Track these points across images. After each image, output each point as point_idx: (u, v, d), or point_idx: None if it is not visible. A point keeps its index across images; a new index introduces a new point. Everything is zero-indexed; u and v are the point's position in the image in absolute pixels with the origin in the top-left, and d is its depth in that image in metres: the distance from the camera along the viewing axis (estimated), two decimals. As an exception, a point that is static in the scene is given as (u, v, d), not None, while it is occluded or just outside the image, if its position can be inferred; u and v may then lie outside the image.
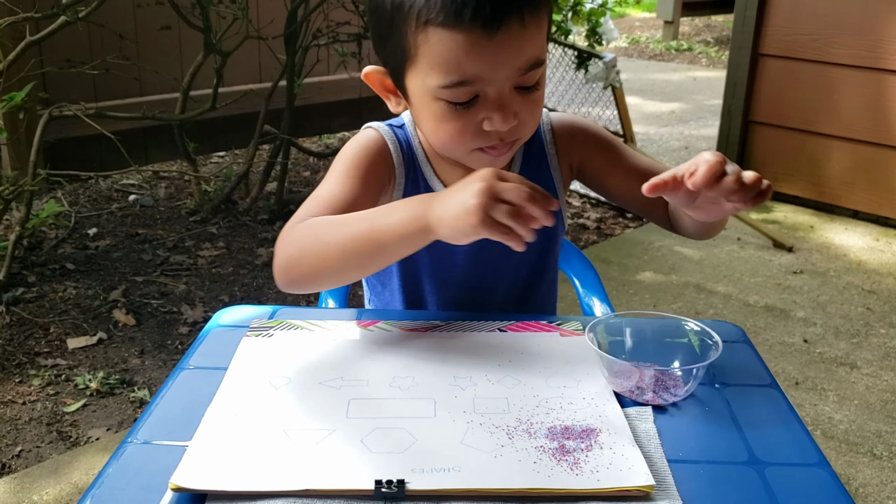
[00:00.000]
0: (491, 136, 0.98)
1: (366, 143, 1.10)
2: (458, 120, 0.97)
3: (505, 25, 0.90)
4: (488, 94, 0.95)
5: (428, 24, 0.91)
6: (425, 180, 1.12)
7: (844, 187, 3.64)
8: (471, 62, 0.91)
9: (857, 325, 2.71)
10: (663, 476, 0.76)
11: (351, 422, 0.82)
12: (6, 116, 2.79)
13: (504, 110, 0.95)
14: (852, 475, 1.98)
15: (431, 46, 0.92)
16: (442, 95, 0.95)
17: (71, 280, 2.73)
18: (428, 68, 0.94)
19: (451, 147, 1.01)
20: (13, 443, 1.97)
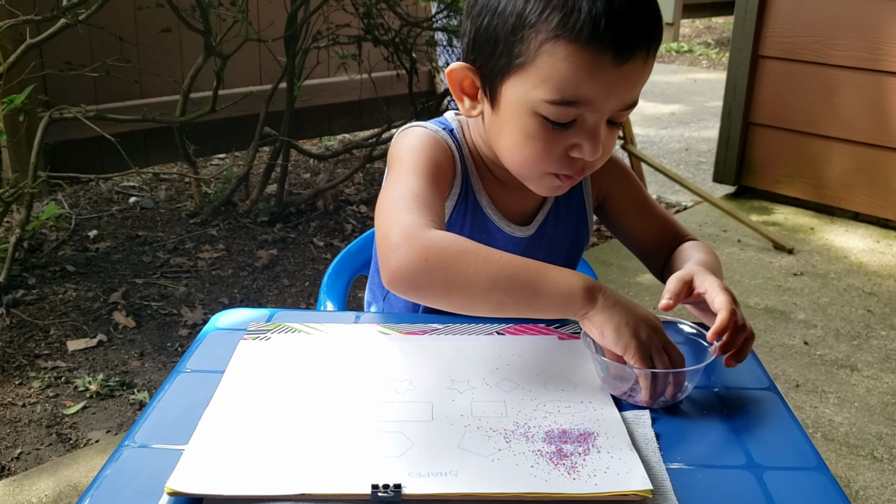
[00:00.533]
0: (574, 163, 0.98)
1: (433, 143, 1.05)
2: (549, 141, 0.95)
3: (633, 57, 0.90)
4: (587, 121, 0.94)
5: (560, 37, 0.89)
6: (475, 194, 1.10)
7: (845, 189, 3.63)
8: (590, 85, 0.90)
9: (857, 328, 2.71)
10: (661, 480, 0.76)
11: (348, 426, 0.81)
12: (6, 119, 2.79)
13: (596, 140, 0.95)
14: (853, 478, 1.98)
15: (555, 60, 0.90)
16: (543, 111, 0.93)
17: (71, 282, 2.73)
18: (539, 80, 0.92)
19: (529, 166, 0.99)
20: (13, 445, 1.97)
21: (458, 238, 0.89)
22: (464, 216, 1.10)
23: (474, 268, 0.86)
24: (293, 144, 3.36)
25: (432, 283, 0.87)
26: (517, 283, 0.86)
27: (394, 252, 0.87)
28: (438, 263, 0.86)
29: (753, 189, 3.92)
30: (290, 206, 3.41)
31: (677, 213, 3.76)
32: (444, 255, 0.87)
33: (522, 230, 1.13)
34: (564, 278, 0.87)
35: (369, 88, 3.77)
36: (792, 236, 3.45)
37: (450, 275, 0.86)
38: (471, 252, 0.87)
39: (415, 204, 0.94)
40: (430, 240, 0.88)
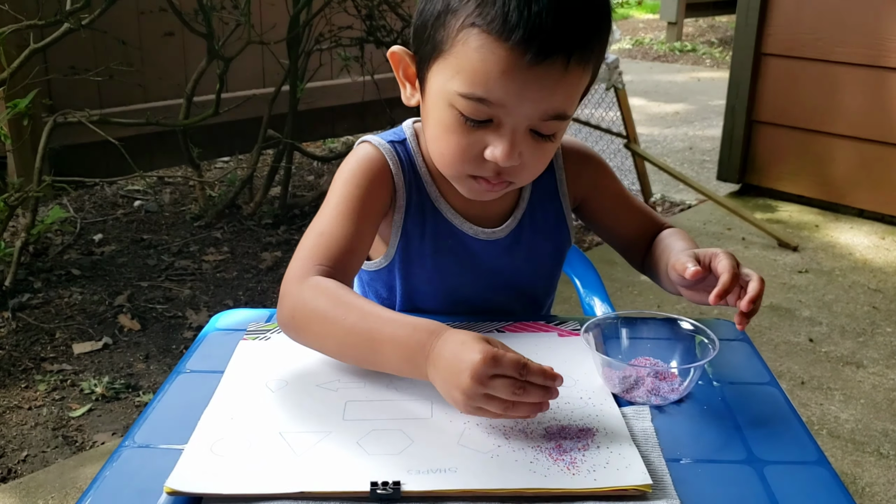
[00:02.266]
0: (488, 166, 0.93)
1: (365, 166, 1.03)
2: (464, 136, 0.92)
3: (549, 60, 0.85)
4: (503, 123, 0.90)
5: (474, 25, 0.86)
6: (431, 202, 1.07)
7: (849, 186, 3.62)
8: (500, 84, 0.87)
9: (862, 324, 2.70)
10: (661, 475, 0.76)
11: (347, 424, 0.82)
12: (11, 123, 2.81)
13: (511, 146, 0.90)
14: (859, 474, 1.97)
15: (468, 51, 0.87)
16: (457, 104, 0.90)
17: (76, 286, 2.74)
18: (455, 71, 0.89)
19: (448, 162, 0.97)
20: (19, 448, 1.98)
21: (324, 294, 0.90)
22: (422, 224, 1.07)
23: (324, 332, 0.90)
24: (297, 147, 3.37)
25: (298, 338, 0.93)
26: (358, 352, 0.88)
27: (279, 302, 0.95)
28: (301, 323, 0.91)
29: (757, 187, 3.92)
30: (293, 208, 3.42)
31: (681, 212, 3.76)
32: (304, 313, 0.91)
33: (491, 232, 1.10)
34: (394, 350, 0.84)
35: (372, 90, 3.78)
36: (796, 234, 3.45)
37: (308, 335, 0.92)
38: (324, 312, 0.89)
39: (316, 244, 0.97)
40: (300, 295, 0.91)
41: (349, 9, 3.35)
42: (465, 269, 1.09)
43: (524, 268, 1.13)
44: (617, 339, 0.97)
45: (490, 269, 1.10)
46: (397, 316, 0.87)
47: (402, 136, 1.09)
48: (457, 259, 1.08)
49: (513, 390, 0.76)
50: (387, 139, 1.07)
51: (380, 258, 1.09)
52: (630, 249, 1.20)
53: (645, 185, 3.73)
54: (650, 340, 0.97)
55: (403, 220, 1.06)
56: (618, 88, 3.49)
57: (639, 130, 3.93)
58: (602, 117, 3.78)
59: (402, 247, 1.07)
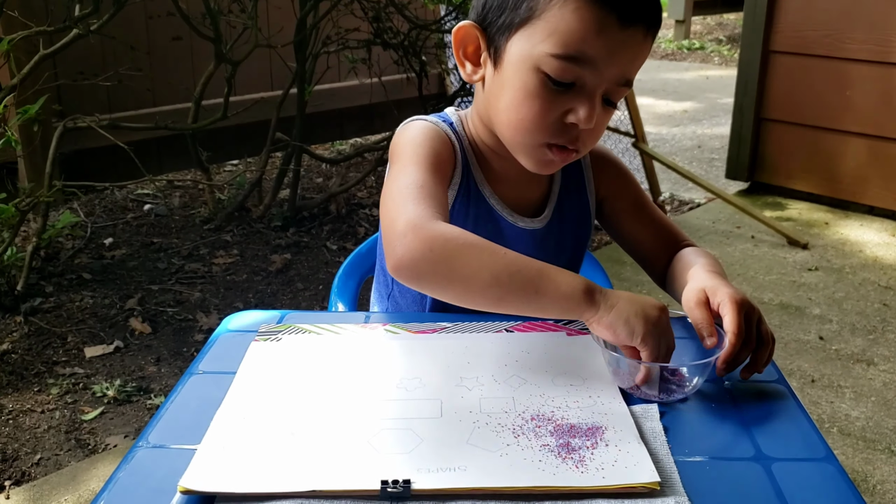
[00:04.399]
0: (568, 131, 0.99)
1: (433, 134, 1.06)
2: (547, 100, 0.97)
3: (635, 26, 0.94)
4: (586, 85, 0.96)
5: None
6: (476, 186, 1.10)
7: (859, 183, 3.61)
8: (595, 42, 0.93)
9: (873, 322, 2.69)
10: (669, 473, 0.76)
11: (357, 423, 0.82)
12: (21, 129, 2.83)
13: (592, 106, 0.96)
14: (870, 472, 1.97)
15: (565, 13, 0.93)
16: (546, 66, 0.95)
17: (87, 289, 2.76)
18: (547, 34, 0.94)
19: (525, 128, 0.99)
20: (32, 451, 1.99)
21: (463, 232, 0.90)
22: (467, 206, 1.10)
23: (478, 262, 0.87)
24: (305, 149, 3.38)
25: (435, 272, 0.88)
26: (518, 281, 0.87)
27: (400, 241, 0.88)
28: (443, 254, 0.87)
29: (767, 185, 3.91)
30: (302, 210, 3.43)
31: (690, 211, 3.75)
32: (448, 246, 0.87)
33: (529, 222, 1.14)
34: (566, 280, 0.88)
35: (380, 92, 3.79)
36: (806, 231, 3.44)
37: (453, 266, 0.87)
38: (476, 246, 0.88)
39: (420, 195, 0.95)
40: (436, 230, 0.89)
41: (356, 11, 3.37)
42: None
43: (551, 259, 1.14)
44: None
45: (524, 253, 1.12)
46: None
47: (449, 119, 1.12)
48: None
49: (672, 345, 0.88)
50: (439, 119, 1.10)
51: None
52: (649, 262, 1.20)
53: (654, 184, 3.73)
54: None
55: (455, 198, 1.09)
56: (625, 88, 3.48)
57: (647, 129, 3.93)
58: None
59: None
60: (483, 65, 1.04)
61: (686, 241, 1.18)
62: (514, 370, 0.93)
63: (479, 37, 1.02)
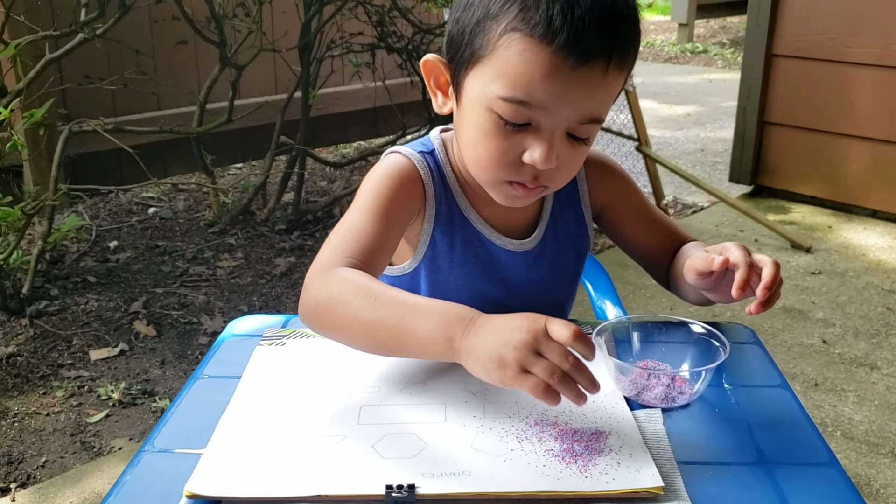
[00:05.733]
0: (526, 170, 0.95)
1: (396, 172, 1.04)
2: (502, 140, 0.93)
3: (590, 64, 0.88)
4: (541, 125, 0.92)
5: (517, 30, 0.88)
6: (460, 211, 1.09)
7: (862, 187, 3.61)
8: (542, 86, 0.88)
9: (876, 326, 2.69)
10: (672, 477, 0.77)
11: (362, 428, 0.83)
12: (27, 133, 2.84)
13: (548, 147, 0.92)
14: (873, 476, 1.97)
15: (511, 55, 0.89)
16: (497, 108, 0.91)
17: (92, 292, 2.77)
18: (495, 74, 0.90)
19: (484, 167, 0.98)
20: (38, 453, 2.00)
21: (351, 281, 0.90)
22: (452, 234, 1.08)
23: (349, 315, 0.88)
24: (309, 153, 3.39)
25: (320, 324, 0.92)
26: (384, 334, 0.86)
27: (303, 292, 0.94)
28: (325, 306, 0.90)
29: (770, 188, 3.91)
30: (307, 213, 3.44)
31: (693, 214, 3.76)
32: (331, 298, 0.90)
33: (520, 244, 1.12)
34: (426, 329, 0.83)
35: (384, 96, 3.80)
36: (809, 235, 3.44)
37: (331, 319, 0.90)
38: (352, 295, 0.89)
39: (344, 239, 0.97)
40: (325, 283, 0.91)
41: (360, 15, 3.38)
42: (490, 278, 1.10)
43: (548, 277, 1.14)
44: (628, 342, 0.98)
45: (515, 279, 1.11)
46: (427, 300, 0.88)
47: (431, 146, 1.10)
48: (483, 268, 1.10)
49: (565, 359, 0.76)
50: (416, 149, 1.08)
51: (404, 264, 1.10)
52: (653, 264, 1.19)
53: (657, 188, 3.73)
54: (662, 344, 0.97)
55: (433, 229, 1.07)
56: (628, 91, 3.49)
57: (650, 132, 3.93)
58: (613, 120, 3.78)
59: (430, 255, 1.08)
60: (451, 97, 1.02)
61: (688, 238, 1.18)
62: (517, 375, 0.93)
63: (444, 71, 1.00)
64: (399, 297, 0.87)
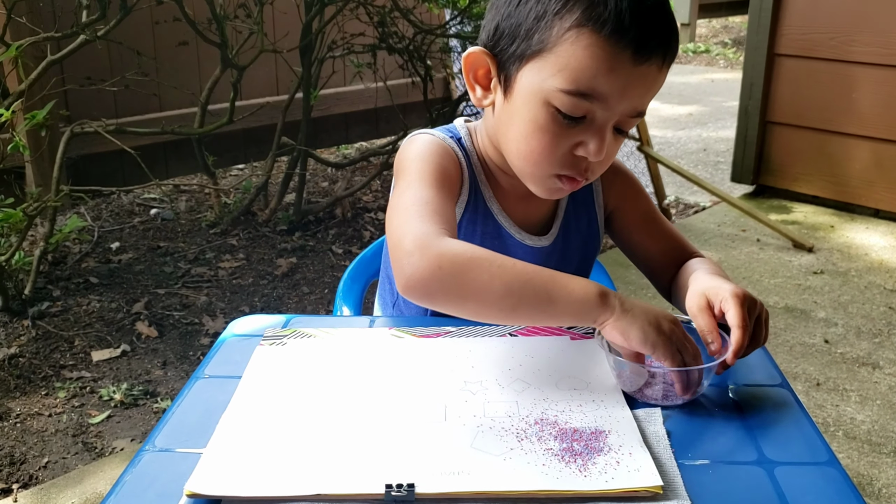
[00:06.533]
0: (577, 163, 0.98)
1: (439, 150, 1.05)
2: (557, 134, 0.96)
3: (651, 60, 0.93)
4: (596, 119, 0.95)
5: (584, 26, 0.91)
6: (484, 202, 1.10)
7: (865, 186, 3.61)
8: (607, 80, 0.92)
9: (878, 325, 2.69)
10: (672, 476, 0.77)
11: (362, 427, 0.83)
12: (29, 134, 2.84)
13: (602, 140, 0.95)
14: (875, 476, 1.97)
15: (577, 49, 0.91)
16: (556, 101, 0.94)
17: (94, 293, 2.77)
18: (557, 68, 0.93)
19: (534, 161, 0.99)
20: (40, 454, 2.00)
21: (470, 246, 0.89)
22: (475, 223, 1.10)
23: (488, 275, 0.86)
24: (311, 153, 3.39)
25: (446, 290, 0.87)
26: (531, 290, 0.86)
27: (408, 260, 0.87)
28: (452, 271, 0.86)
29: (772, 188, 3.91)
30: (308, 214, 3.44)
31: (696, 214, 3.75)
32: (457, 262, 0.86)
33: (536, 240, 1.13)
34: (579, 286, 0.88)
35: (385, 96, 3.80)
36: (811, 234, 3.43)
37: (463, 282, 0.86)
38: (484, 259, 0.87)
39: (426, 211, 0.94)
40: (443, 247, 0.87)
41: (361, 16, 3.38)
42: None
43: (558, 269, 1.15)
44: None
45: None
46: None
47: (458, 134, 1.12)
48: None
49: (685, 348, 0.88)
50: (446, 134, 1.09)
51: None
52: (656, 273, 1.18)
53: (659, 188, 3.73)
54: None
55: (462, 215, 1.09)
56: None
57: (652, 133, 3.93)
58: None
59: None
60: (493, 90, 1.03)
61: (694, 253, 1.17)
62: (517, 374, 0.93)
63: (489, 62, 1.01)
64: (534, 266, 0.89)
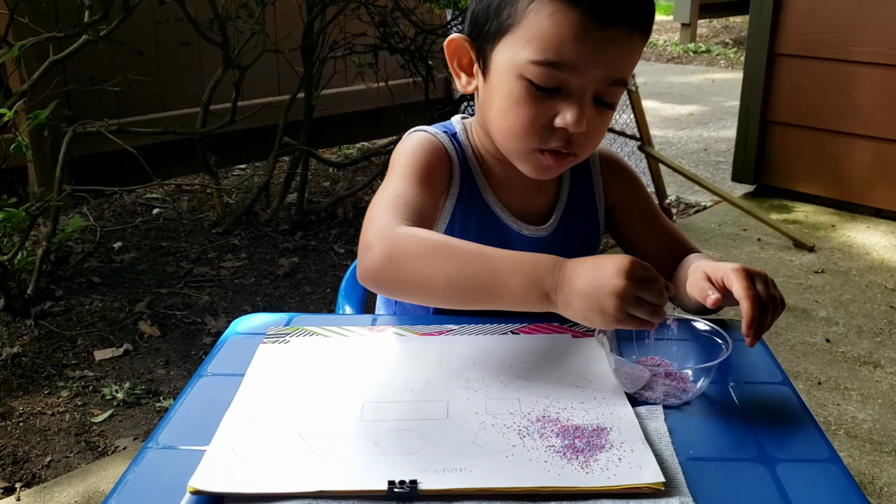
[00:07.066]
0: (557, 135, 0.98)
1: (427, 146, 1.08)
2: (534, 106, 0.97)
3: (616, 25, 0.93)
4: (571, 88, 0.96)
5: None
6: (480, 194, 1.11)
7: (866, 185, 3.61)
8: (573, 46, 0.93)
9: (880, 324, 2.69)
10: (674, 473, 0.77)
11: (365, 424, 0.83)
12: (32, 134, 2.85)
13: (580, 108, 0.96)
14: (877, 474, 1.97)
15: (541, 19, 0.93)
16: (528, 73, 0.95)
17: (97, 293, 2.78)
18: (526, 40, 0.94)
19: (516, 135, 1.00)
20: (43, 453, 2.01)
21: (423, 237, 0.92)
22: (469, 216, 1.11)
23: (433, 267, 0.89)
24: (312, 153, 3.40)
25: (395, 281, 0.92)
26: (473, 286, 0.88)
27: (365, 251, 0.93)
28: (400, 262, 0.90)
29: (773, 187, 3.91)
30: (310, 214, 3.45)
31: (696, 213, 3.75)
32: (406, 253, 0.90)
33: (535, 230, 1.14)
34: (519, 282, 0.86)
35: (386, 96, 3.80)
36: (812, 234, 3.43)
37: (410, 274, 0.90)
38: (431, 251, 0.90)
39: (394, 204, 0.98)
40: (396, 239, 0.92)
41: (363, 16, 3.38)
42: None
43: None
44: (630, 339, 0.98)
45: None
46: (512, 252, 0.89)
47: (453, 129, 1.14)
48: None
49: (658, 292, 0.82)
50: (440, 129, 1.12)
51: None
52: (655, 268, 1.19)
53: (660, 187, 3.73)
54: (664, 341, 0.98)
55: (454, 207, 1.10)
56: (631, 91, 3.49)
57: (653, 132, 3.93)
58: (615, 120, 3.78)
59: (448, 233, 1.10)
60: (476, 75, 1.05)
61: (692, 248, 1.18)
62: (519, 372, 0.94)
63: (469, 48, 1.04)
64: (483, 251, 0.89)
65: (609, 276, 0.82)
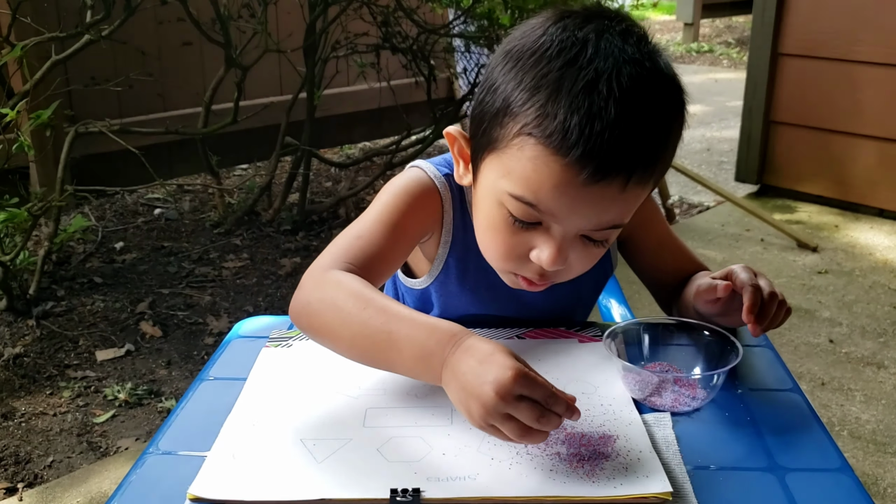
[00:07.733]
0: (533, 267, 0.90)
1: (416, 188, 1.01)
2: (511, 236, 0.89)
3: (605, 182, 0.81)
4: (551, 228, 0.87)
5: (531, 136, 0.82)
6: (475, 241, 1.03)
7: (869, 186, 3.59)
8: (551, 197, 0.83)
9: (883, 325, 2.68)
10: (681, 483, 0.76)
11: (367, 431, 0.82)
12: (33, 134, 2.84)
13: (558, 252, 0.87)
14: (880, 475, 1.96)
15: (523, 158, 0.83)
16: (507, 203, 0.86)
17: (99, 293, 2.77)
18: (506, 171, 0.85)
19: (491, 258, 0.95)
20: (45, 454, 2.00)
21: (346, 286, 0.87)
22: (466, 261, 1.05)
23: (340, 320, 0.86)
24: (314, 153, 3.39)
25: (309, 328, 0.90)
26: (371, 349, 0.84)
27: (298, 288, 0.92)
28: (316, 310, 0.88)
29: (776, 188, 3.89)
30: (312, 214, 3.44)
31: (700, 214, 3.74)
32: (324, 300, 0.88)
33: None
34: (411, 353, 0.80)
35: (388, 96, 3.80)
36: (816, 234, 3.42)
37: (320, 324, 0.88)
38: (344, 302, 0.86)
39: (349, 245, 0.94)
40: (321, 284, 0.89)
41: (365, 16, 3.37)
42: (505, 303, 1.07)
43: (566, 300, 1.12)
44: (638, 345, 0.97)
45: (532, 303, 1.08)
46: (418, 315, 0.83)
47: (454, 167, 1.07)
48: (495, 295, 1.07)
49: (536, 416, 0.72)
50: (441, 169, 1.04)
51: (423, 278, 1.08)
52: (664, 292, 1.16)
53: (662, 188, 3.72)
54: (672, 347, 0.97)
55: (447, 254, 1.05)
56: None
57: (656, 132, 3.92)
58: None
59: (442, 279, 1.06)
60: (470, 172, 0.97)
61: (701, 266, 1.15)
62: (524, 378, 0.92)
63: (464, 145, 0.96)
64: (389, 310, 0.83)
65: (482, 382, 0.73)
